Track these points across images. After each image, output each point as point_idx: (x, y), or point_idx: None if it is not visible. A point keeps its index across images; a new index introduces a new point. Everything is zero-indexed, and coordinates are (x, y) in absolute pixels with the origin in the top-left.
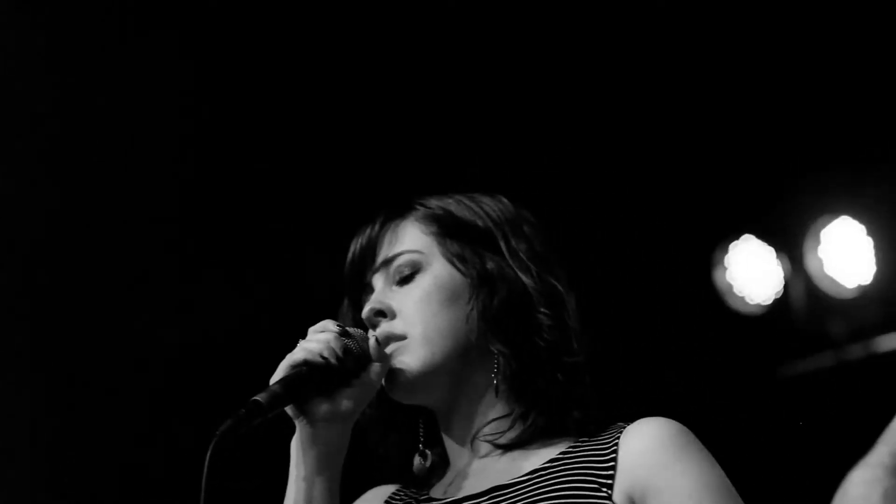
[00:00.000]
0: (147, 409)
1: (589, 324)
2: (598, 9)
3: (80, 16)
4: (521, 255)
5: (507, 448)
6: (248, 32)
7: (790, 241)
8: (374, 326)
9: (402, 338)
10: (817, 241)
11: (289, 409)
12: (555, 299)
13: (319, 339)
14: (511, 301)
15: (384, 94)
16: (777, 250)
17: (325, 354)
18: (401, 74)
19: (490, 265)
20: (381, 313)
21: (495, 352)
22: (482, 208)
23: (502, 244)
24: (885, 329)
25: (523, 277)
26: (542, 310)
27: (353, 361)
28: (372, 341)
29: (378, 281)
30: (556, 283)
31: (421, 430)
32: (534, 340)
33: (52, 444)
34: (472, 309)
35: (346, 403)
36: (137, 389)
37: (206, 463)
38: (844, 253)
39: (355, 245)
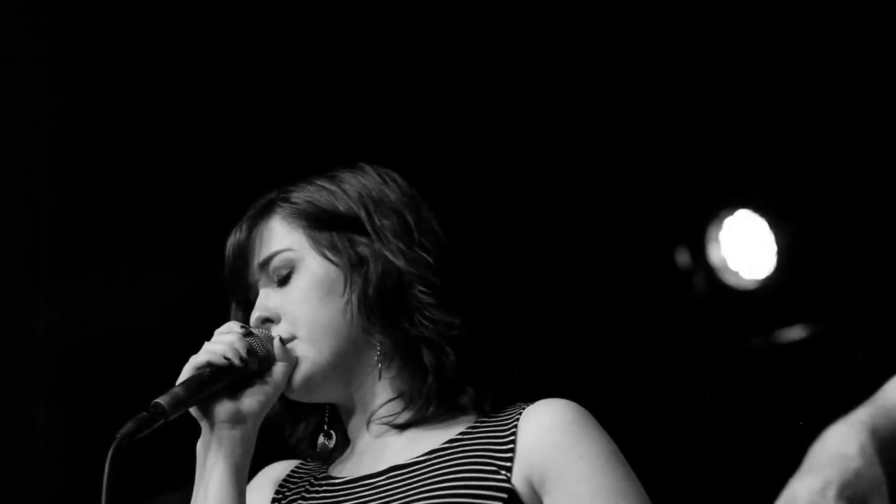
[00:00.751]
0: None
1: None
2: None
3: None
4: (388, 233)
5: (403, 427)
6: (248, 32)
7: (691, 234)
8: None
9: (291, 339)
10: (719, 234)
11: (193, 411)
12: (431, 273)
13: (223, 341)
14: (384, 284)
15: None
16: (679, 243)
17: (229, 355)
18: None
19: (360, 249)
20: (268, 320)
21: (375, 342)
22: (342, 188)
23: (367, 226)
24: (787, 322)
25: (393, 258)
26: (420, 288)
27: (256, 362)
28: (276, 341)
29: (260, 284)
30: (427, 256)
31: (326, 416)
32: (415, 320)
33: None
34: (347, 299)
35: (250, 403)
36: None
37: (107, 465)
38: (745, 246)
39: (228, 251)
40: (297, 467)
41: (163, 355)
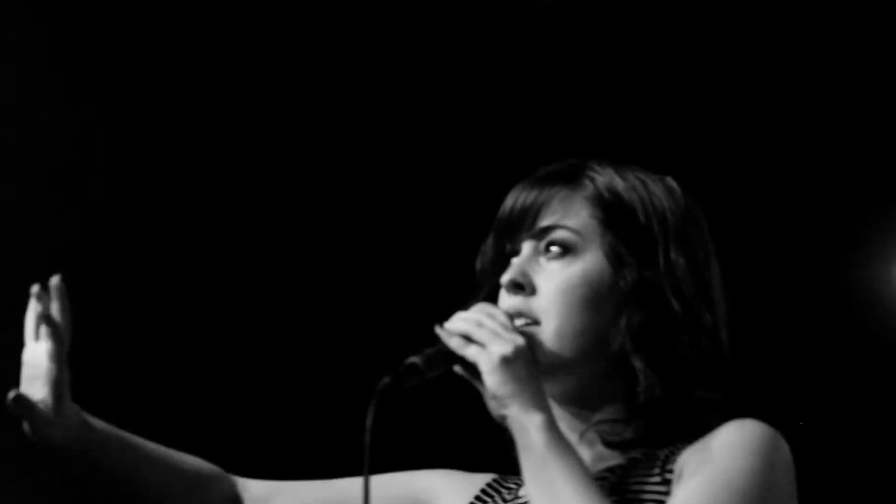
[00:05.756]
0: None
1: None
2: None
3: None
4: (677, 271)
5: (612, 446)
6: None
7: None
8: (512, 296)
9: (535, 322)
10: None
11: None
12: (701, 330)
13: (485, 324)
14: (656, 322)
15: None
16: None
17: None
18: None
19: (645, 275)
20: (521, 287)
21: (636, 366)
22: (652, 200)
23: (660, 252)
24: None
25: (673, 300)
26: (684, 338)
27: None
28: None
29: (527, 246)
30: (706, 312)
31: None
32: (672, 365)
33: None
34: (617, 317)
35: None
36: None
37: (368, 419)
38: None
39: (516, 200)
40: (494, 479)
41: None
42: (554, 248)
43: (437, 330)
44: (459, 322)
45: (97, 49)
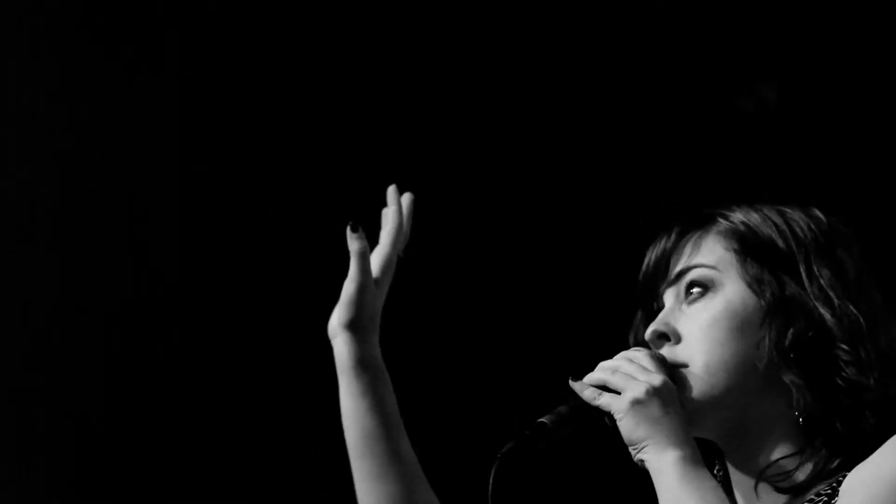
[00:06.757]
0: None
1: None
2: None
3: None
4: (822, 281)
5: (786, 492)
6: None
7: None
8: (658, 348)
9: (683, 365)
10: None
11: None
12: (856, 334)
13: (626, 370)
14: (806, 334)
15: None
16: None
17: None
18: None
19: (788, 291)
20: (665, 336)
21: (788, 382)
22: (789, 225)
23: (802, 268)
24: None
25: (821, 309)
26: (841, 346)
27: None
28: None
29: (669, 296)
30: (859, 315)
31: (717, 468)
32: (830, 378)
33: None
34: (763, 338)
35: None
36: None
37: (490, 484)
38: None
39: (650, 255)
40: None
41: None
42: (694, 290)
43: (571, 383)
44: (597, 372)
45: (97, 49)
